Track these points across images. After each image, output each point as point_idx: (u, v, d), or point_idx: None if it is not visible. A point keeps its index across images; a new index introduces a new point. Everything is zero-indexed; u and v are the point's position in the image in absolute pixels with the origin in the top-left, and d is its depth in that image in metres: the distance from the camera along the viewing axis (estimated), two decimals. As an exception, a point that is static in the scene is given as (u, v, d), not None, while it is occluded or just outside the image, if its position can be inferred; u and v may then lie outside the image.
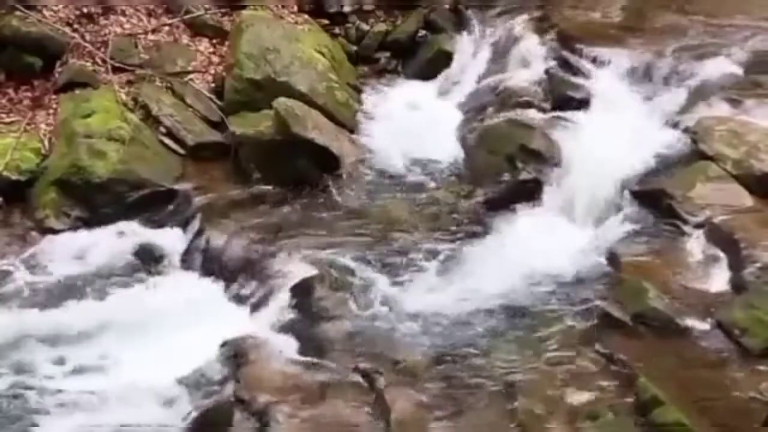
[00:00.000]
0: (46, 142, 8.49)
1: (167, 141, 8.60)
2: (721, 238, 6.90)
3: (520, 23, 9.33)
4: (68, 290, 7.38)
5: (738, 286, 6.57)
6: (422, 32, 10.01)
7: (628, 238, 7.21)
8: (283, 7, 9.82)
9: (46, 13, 9.13)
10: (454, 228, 7.79)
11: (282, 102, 8.47)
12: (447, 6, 10.08)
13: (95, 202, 8.07)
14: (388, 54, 10.03)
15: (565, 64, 8.68)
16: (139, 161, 8.26)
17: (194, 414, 6.17)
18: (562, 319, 6.64)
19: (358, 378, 6.25)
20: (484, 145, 8.40)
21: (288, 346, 6.68)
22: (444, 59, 9.66)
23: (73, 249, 7.74)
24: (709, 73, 8.16)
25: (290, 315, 6.96)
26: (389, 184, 8.42)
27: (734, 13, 9.02)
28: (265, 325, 6.90)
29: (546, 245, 7.31)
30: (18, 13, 8.86)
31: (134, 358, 6.67)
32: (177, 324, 6.90)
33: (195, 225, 7.93)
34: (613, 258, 7.05)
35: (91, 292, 7.37)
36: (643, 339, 6.33)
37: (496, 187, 8.06)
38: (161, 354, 6.63)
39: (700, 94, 8.03)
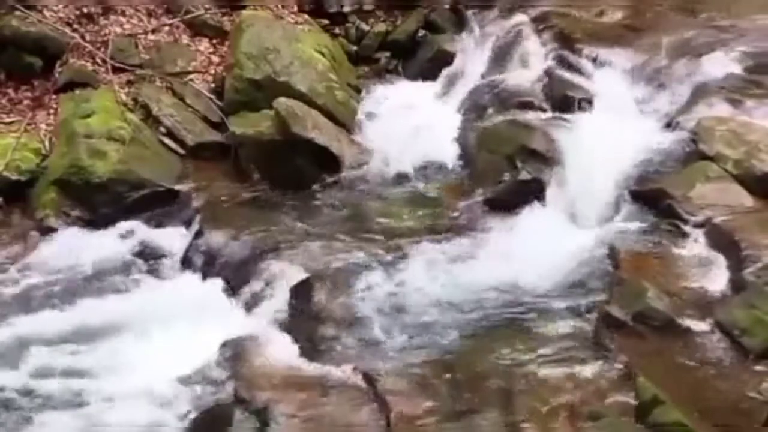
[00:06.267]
0: (46, 142, 8.50)
1: (167, 141, 8.62)
2: (721, 238, 6.90)
3: (520, 23, 9.31)
4: (68, 290, 7.39)
5: (738, 286, 6.56)
6: (422, 32, 10.01)
7: (628, 238, 7.21)
8: (283, 7, 9.83)
9: (46, 13, 9.14)
10: (454, 228, 7.78)
11: (282, 102, 8.48)
12: (447, 6, 10.08)
13: (95, 202, 8.08)
14: (388, 54, 10.04)
15: (565, 64, 8.66)
16: (139, 161, 8.27)
17: (194, 414, 6.17)
18: (562, 319, 6.63)
19: (358, 378, 6.24)
20: (484, 145, 8.39)
21: (288, 346, 6.67)
22: (444, 59, 9.65)
23: (73, 249, 7.74)
24: (709, 73, 8.16)
25: (290, 315, 6.95)
26: (389, 184, 8.43)
27: (734, 13, 9.01)
28: (265, 325, 6.89)
29: (546, 245, 7.30)
30: (18, 13, 8.87)
31: (134, 357, 6.66)
32: (177, 324, 6.89)
33: (195, 225, 7.94)
34: (613, 258, 7.04)
35: (90, 292, 7.37)
36: (643, 339, 6.32)
37: (496, 187, 8.05)
38: (161, 354, 6.62)
39: (700, 94, 8.03)
